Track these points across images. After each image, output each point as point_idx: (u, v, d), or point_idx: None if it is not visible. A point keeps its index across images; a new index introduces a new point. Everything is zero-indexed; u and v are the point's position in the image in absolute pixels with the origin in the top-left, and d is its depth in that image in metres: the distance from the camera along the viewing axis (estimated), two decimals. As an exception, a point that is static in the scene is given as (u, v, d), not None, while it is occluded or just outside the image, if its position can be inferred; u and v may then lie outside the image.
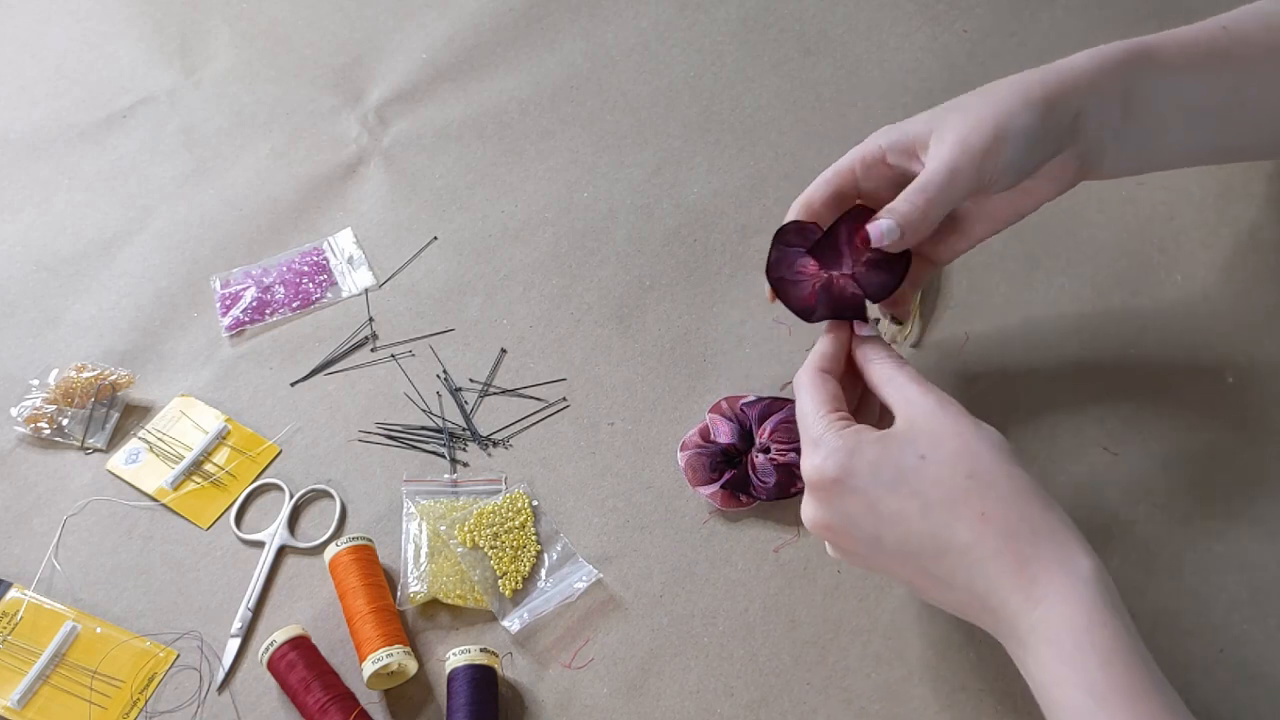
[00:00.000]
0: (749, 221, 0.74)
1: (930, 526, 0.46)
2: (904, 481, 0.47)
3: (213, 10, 0.95)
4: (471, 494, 0.65)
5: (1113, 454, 0.61)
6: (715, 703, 0.56)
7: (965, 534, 0.45)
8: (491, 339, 0.72)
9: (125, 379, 0.71)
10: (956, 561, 0.46)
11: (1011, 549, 0.45)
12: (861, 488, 0.47)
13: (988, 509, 0.45)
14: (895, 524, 0.47)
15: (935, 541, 0.46)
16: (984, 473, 0.46)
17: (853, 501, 0.48)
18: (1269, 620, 0.55)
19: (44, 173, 0.85)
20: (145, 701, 0.59)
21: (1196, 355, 0.64)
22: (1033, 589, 0.44)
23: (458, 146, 0.82)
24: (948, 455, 0.47)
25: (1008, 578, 0.45)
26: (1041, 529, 0.45)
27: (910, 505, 0.46)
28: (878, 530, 0.47)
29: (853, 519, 0.48)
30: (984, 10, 0.83)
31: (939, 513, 0.46)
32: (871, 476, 0.47)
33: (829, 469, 0.48)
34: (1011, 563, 0.44)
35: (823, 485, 0.49)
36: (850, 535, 0.49)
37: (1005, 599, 0.45)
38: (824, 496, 0.49)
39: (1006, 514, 0.45)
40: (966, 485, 0.46)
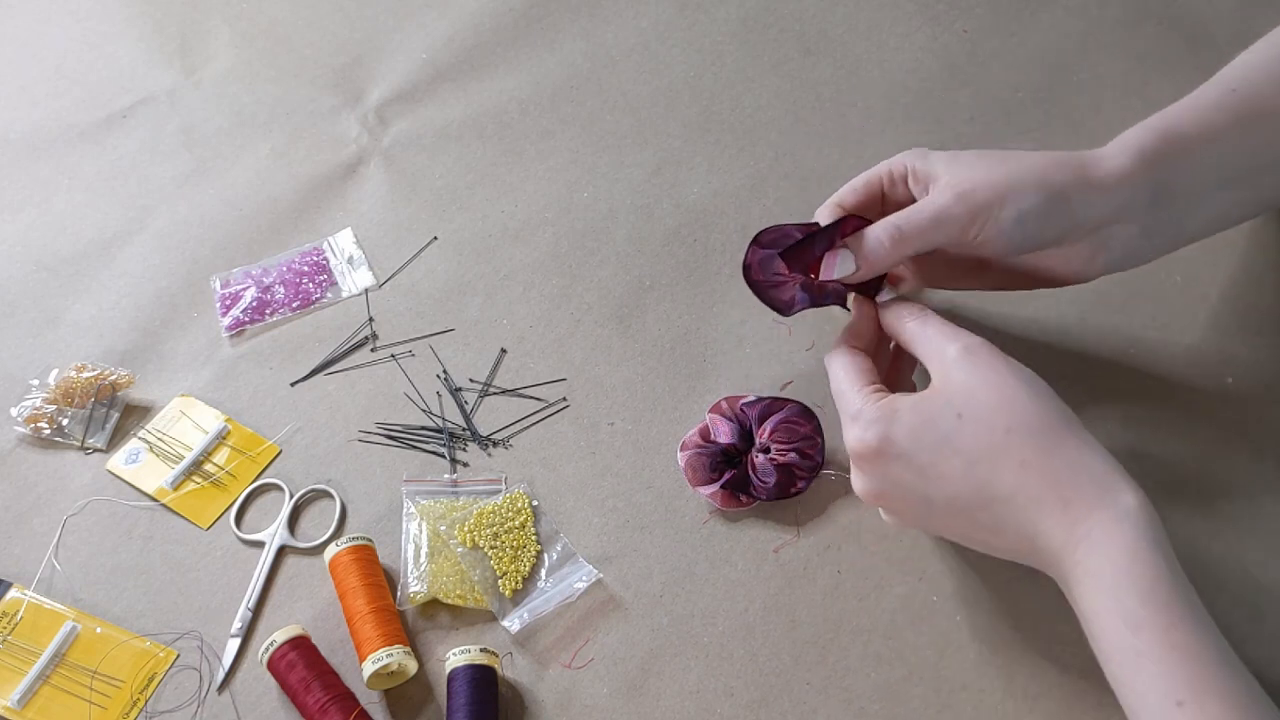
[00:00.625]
0: (749, 221, 0.74)
1: (975, 481, 0.48)
2: (945, 442, 0.48)
3: (213, 10, 0.95)
4: (471, 494, 0.65)
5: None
6: (715, 703, 0.56)
7: (1009, 484, 0.47)
8: (491, 339, 0.72)
9: (125, 379, 0.71)
10: (1003, 510, 0.47)
11: (1054, 493, 0.46)
12: (905, 453, 0.49)
13: (1027, 458, 0.47)
14: (942, 483, 0.49)
15: (981, 494, 0.48)
16: (1021, 423, 0.48)
17: (898, 468, 0.50)
18: (1269, 620, 0.55)
19: (44, 173, 0.85)
20: (145, 701, 0.59)
21: (1196, 355, 0.64)
22: (1075, 528, 0.46)
23: (458, 146, 0.82)
24: (985, 410, 0.48)
25: (1052, 520, 0.46)
26: (1082, 470, 0.47)
27: (954, 464, 0.48)
28: (926, 491, 0.49)
29: (901, 484, 0.50)
30: (984, 10, 0.83)
31: (982, 467, 0.48)
32: (913, 441, 0.49)
33: (870, 439, 0.50)
34: (1055, 506, 0.46)
35: (867, 456, 0.51)
36: (901, 499, 0.51)
37: (1050, 540, 0.46)
38: (870, 467, 0.51)
39: (1047, 460, 0.47)
40: (1005, 439, 0.47)
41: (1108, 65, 0.78)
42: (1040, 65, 0.79)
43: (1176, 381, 0.63)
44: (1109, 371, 0.64)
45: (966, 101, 0.78)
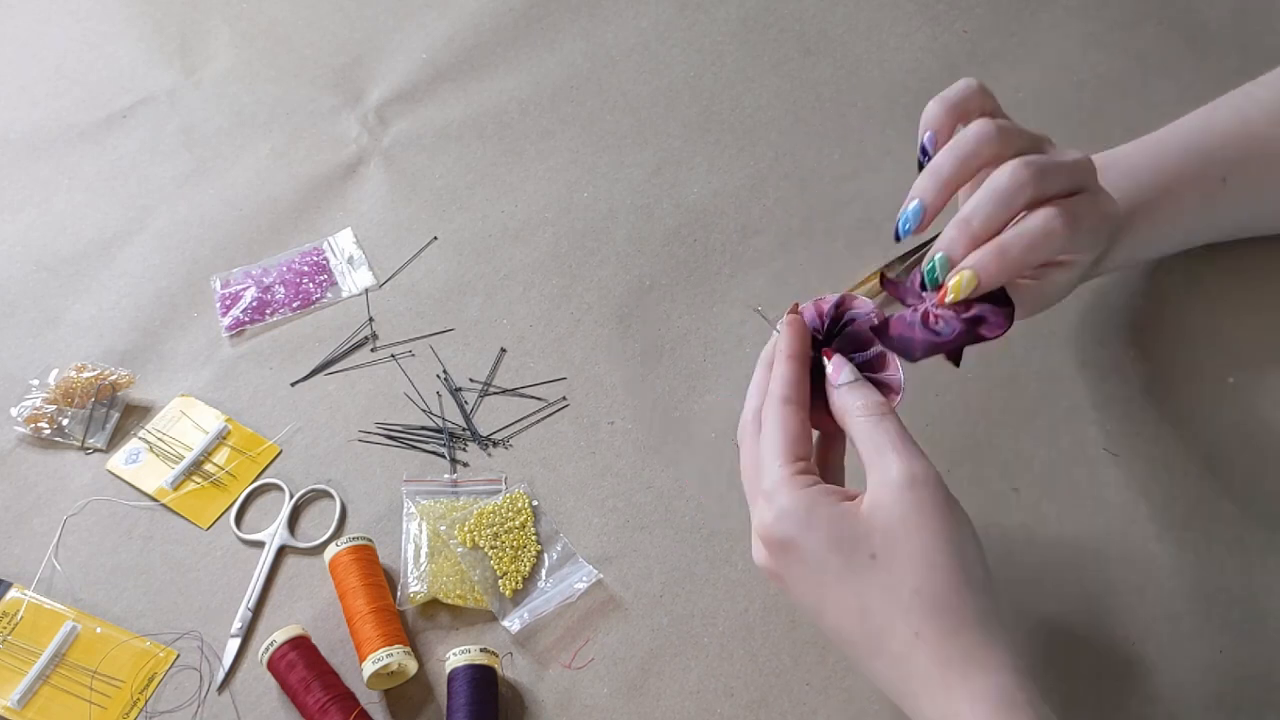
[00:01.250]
0: (749, 221, 0.74)
1: (866, 628, 0.44)
2: (849, 575, 0.44)
3: (213, 10, 0.95)
4: (471, 494, 0.65)
5: (1112, 454, 0.61)
6: (715, 703, 0.56)
7: (897, 648, 0.44)
8: (491, 339, 0.72)
9: (125, 379, 0.71)
10: (885, 669, 0.44)
11: (940, 675, 0.43)
12: (808, 563, 0.45)
13: (923, 630, 0.43)
14: (834, 612, 0.45)
15: (868, 644, 0.45)
16: (930, 590, 0.43)
17: (799, 571, 0.46)
18: (1269, 620, 0.55)
19: (44, 173, 0.85)
20: (145, 701, 0.59)
21: (1196, 355, 0.64)
22: (958, 713, 0.42)
23: (458, 146, 0.82)
24: (899, 560, 0.44)
25: (933, 697, 0.43)
26: (974, 659, 0.43)
27: (851, 603, 0.44)
28: (820, 607, 0.46)
29: (798, 584, 0.46)
30: (984, 10, 0.83)
31: (876, 619, 0.44)
32: (820, 557, 0.45)
33: (777, 533, 0.46)
34: (938, 690, 0.43)
35: (770, 544, 0.46)
36: (795, 595, 0.47)
37: (929, 717, 0.43)
38: (772, 552, 0.47)
39: (942, 640, 0.43)
40: (909, 600, 0.43)
41: (1108, 65, 0.78)
42: (1040, 65, 0.79)
43: (1176, 381, 0.63)
44: (1109, 371, 0.64)
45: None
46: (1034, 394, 0.64)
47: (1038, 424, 0.63)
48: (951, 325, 0.48)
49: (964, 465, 0.62)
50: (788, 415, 0.48)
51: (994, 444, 0.62)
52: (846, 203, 0.74)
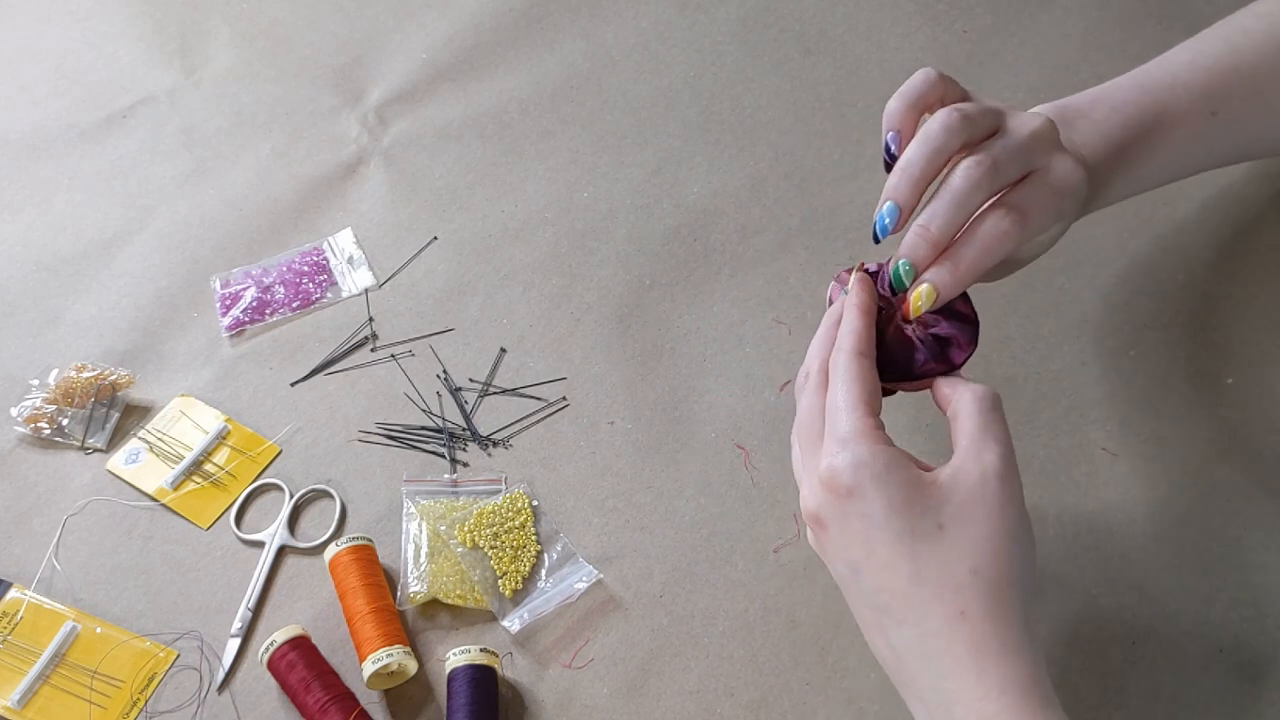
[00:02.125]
0: (749, 221, 0.74)
1: (911, 596, 0.43)
2: (911, 539, 0.44)
3: (213, 10, 0.95)
4: (471, 494, 0.65)
5: (1112, 454, 0.61)
6: (715, 703, 0.56)
7: (938, 621, 0.43)
8: (491, 339, 0.72)
9: (125, 379, 0.71)
10: (916, 639, 0.43)
11: (975, 659, 0.42)
12: (867, 515, 0.44)
13: (970, 611, 0.42)
14: (880, 571, 0.44)
15: (907, 610, 0.44)
16: (990, 576, 0.43)
17: (854, 523, 0.45)
18: (1269, 620, 0.55)
19: (44, 173, 0.85)
20: (145, 701, 0.59)
21: (1196, 355, 0.64)
22: (983, 705, 0.41)
23: (458, 146, 0.82)
24: (966, 539, 0.43)
25: (960, 682, 0.42)
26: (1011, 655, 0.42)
27: (903, 566, 0.43)
28: (863, 564, 0.45)
29: (846, 535, 0.45)
30: (984, 10, 0.83)
31: (925, 589, 0.43)
32: (884, 514, 0.44)
33: (846, 478, 0.44)
34: (969, 672, 0.42)
35: (832, 487, 0.45)
36: (836, 547, 0.46)
37: (950, 705, 0.42)
38: (829, 496, 0.45)
39: (987, 625, 0.42)
40: (965, 578, 0.43)
41: (1108, 65, 0.78)
42: (1040, 65, 0.79)
43: (1176, 381, 0.63)
44: (1109, 371, 0.64)
45: (966, 101, 0.78)
46: (1034, 394, 0.64)
47: (1038, 424, 0.63)
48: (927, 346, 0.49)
49: (964, 465, 0.61)
50: (865, 368, 0.47)
51: (994, 444, 0.62)
52: (846, 203, 0.74)
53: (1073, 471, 0.61)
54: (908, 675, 0.44)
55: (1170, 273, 0.67)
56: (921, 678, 0.43)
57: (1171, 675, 0.54)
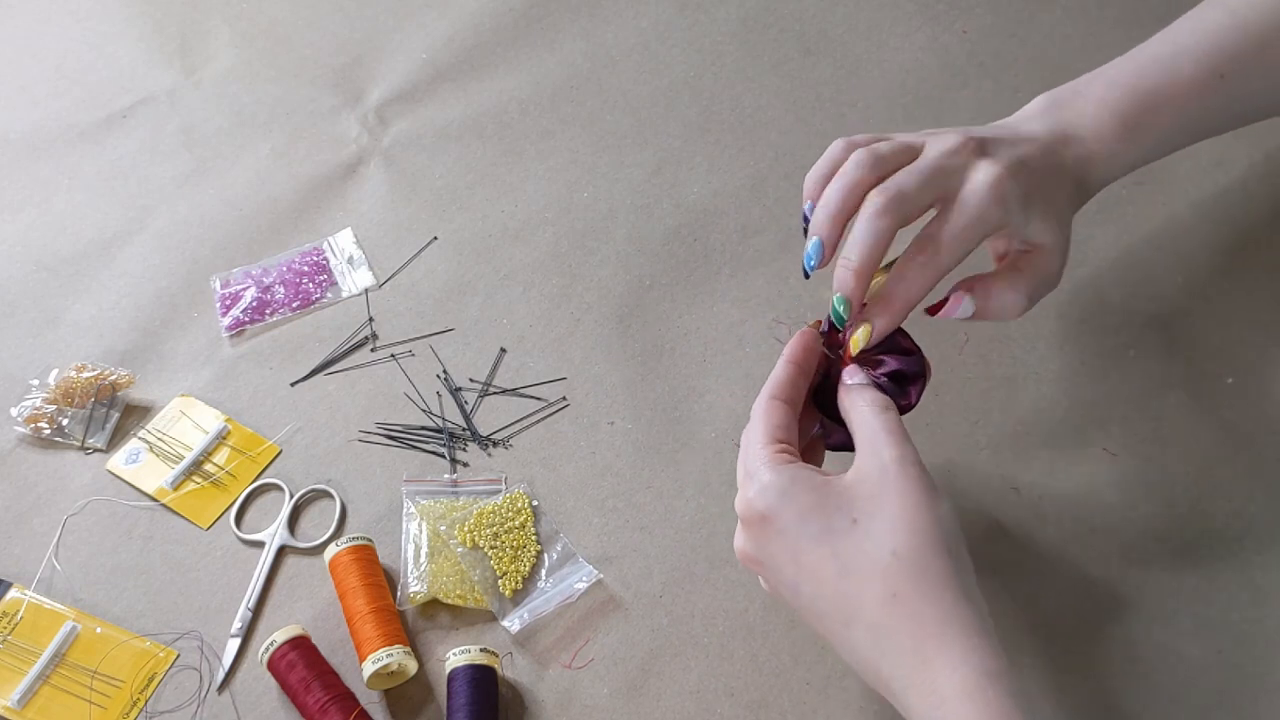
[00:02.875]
0: (749, 221, 0.74)
1: (842, 593, 0.44)
2: (829, 538, 0.45)
3: (213, 10, 0.95)
4: (471, 494, 0.65)
5: (1112, 454, 0.61)
6: (715, 703, 0.56)
7: (872, 609, 0.44)
8: (491, 339, 0.72)
9: (125, 379, 0.71)
10: (863, 634, 0.44)
11: (916, 641, 0.43)
12: (785, 531, 0.46)
13: (901, 591, 0.43)
14: (812, 579, 0.45)
15: (845, 608, 0.44)
16: (910, 553, 0.44)
17: (777, 545, 0.46)
18: (1269, 620, 0.55)
19: (44, 173, 0.85)
20: (145, 701, 0.59)
21: (1196, 355, 0.64)
22: (934, 685, 0.42)
23: (458, 146, 0.82)
24: (880, 525, 0.45)
25: (909, 668, 0.43)
26: (953, 623, 0.43)
27: (828, 566, 0.45)
28: (796, 579, 0.46)
29: (775, 561, 0.47)
30: (984, 10, 0.83)
31: (853, 581, 0.44)
32: (797, 524, 0.46)
33: (757, 506, 0.47)
34: (914, 655, 0.43)
35: (750, 520, 0.47)
36: (773, 575, 0.48)
37: (905, 688, 0.43)
38: (751, 530, 0.48)
39: (920, 602, 0.43)
40: (888, 561, 0.44)
41: (1108, 65, 0.78)
42: (1040, 65, 0.79)
43: (1176, 381, 0.63)
44: (1109, 371, 0.64)
45: (966, 101, 0.78)
46: (1034, 394, 0.64)
47: (1038, 424, 0.63)
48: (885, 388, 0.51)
49: (964, 465, 0.61)
50: (773, 408, 0.50)
51: (994, 444, 0.62)
52: (846, 203, 0.74)
53: (1073, 471, 0.61)
54: (873, 674, 0.45)
55: (1170, 273, 0.67)
56: (883, 672, 0.44)
57: (1171, 675, 0.54)
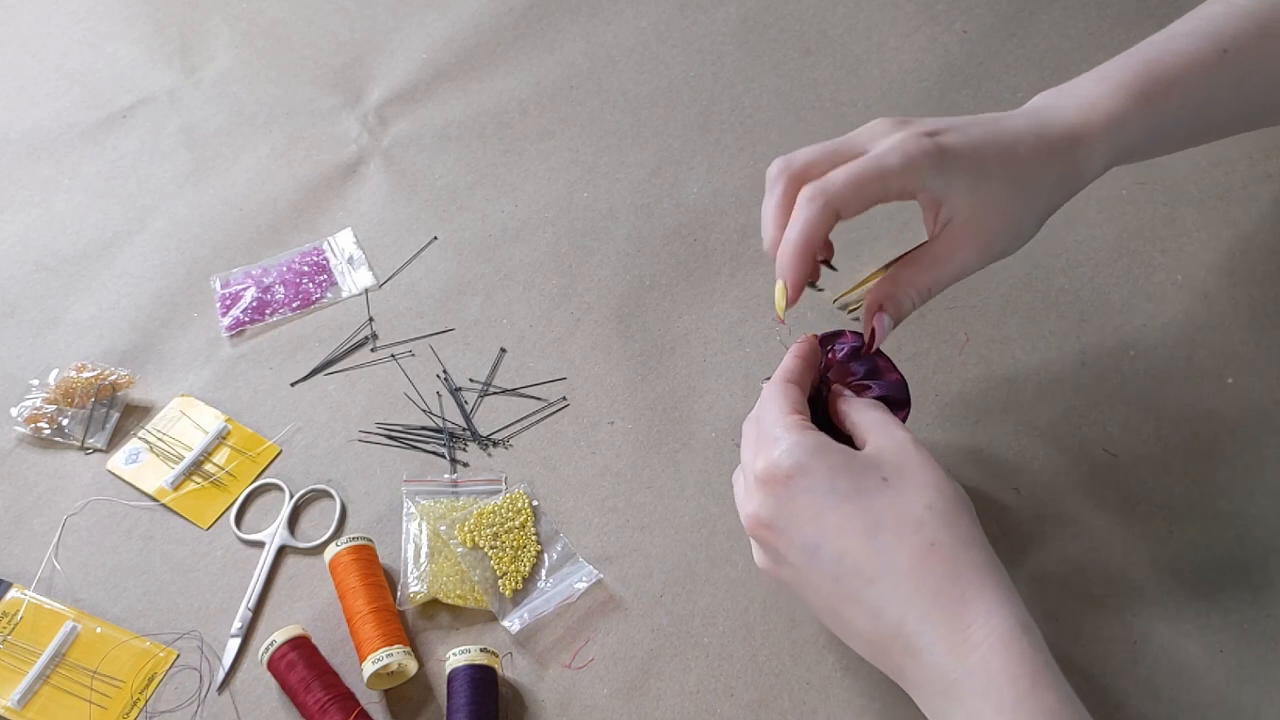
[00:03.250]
0: (749, 221, 0.74)
1: (874, 547, 0.44)
2: (860, 495, 0.45)
3: (213, 10, 0.95)
4: (471, 494, 0.65)
5: (1112, 454, 0.61)
6: (715, 703, 0.56)
7: (908, 560, 0.44)
8: (491, 339, 0.72)
9: (125, 379, 0.71)
10: (890, 589, 0.44)
11: (952, 588, 0.43)
12: (814, 489, 0.46)
13: (938, 540, 0.44)
14: (837, 537, 0.45)
15: (874, 563, 0.44)
16: (943, 508, 0.45)
17: (802, 503, 0.46)
18: (1269, 620, 0.55)
19: (44, 173, 0.85)
20: (145, 701, 0.59)
21: (1196, 355, 0.64)
22: (968, 633, 0.42)
23: (458, 146, 0.82)
24: (912, 484, 0.45)
25: (943, 615, 0.43)
26: (988, 576, 0.44)
27: (858, 522, 0.45)
28: (819, 539, 0.45)
29: (796, 521, 0.46)
30: (984, 10, 0.83)
31: (887, 534, 0.44)
32: (827, 481, 0.46)
33: (784, 462, 0.46)
34: (950, 601, 0.43)
35: (773, 478, 0.47)
36: (788, 538, 0.47)
37: (935, 640, 0.43)
38: (772, 490, 0.47)
39: (957, 550, 0.44)
40: (923, 515, 0.44)
41: (1108, 65, 0.78)
42: (1040, 65, 0.79)
43: (1176, 381, 0.63)
44: (1109, 371, 0.64)
45: (966, 101, 0.78)
46: (1034, 394, 0.64)
47: (1038, 424, 0.63)
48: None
49: (964, 465, 0.61)
50: (788, 389, 0.51)
51: (994, 444, 0.62)
52: (846, 203, 0.74)
53: (1073, 471, 0.61)
54: (890, 634, 0.44)
55: (1170, 273, 0.67)
56: (906, 626, 0.44)
57: (1171, 675, 0.54)
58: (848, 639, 0.48)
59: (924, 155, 0.50)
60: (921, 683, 0.44)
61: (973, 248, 0.52)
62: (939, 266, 0.53)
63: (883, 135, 0.52)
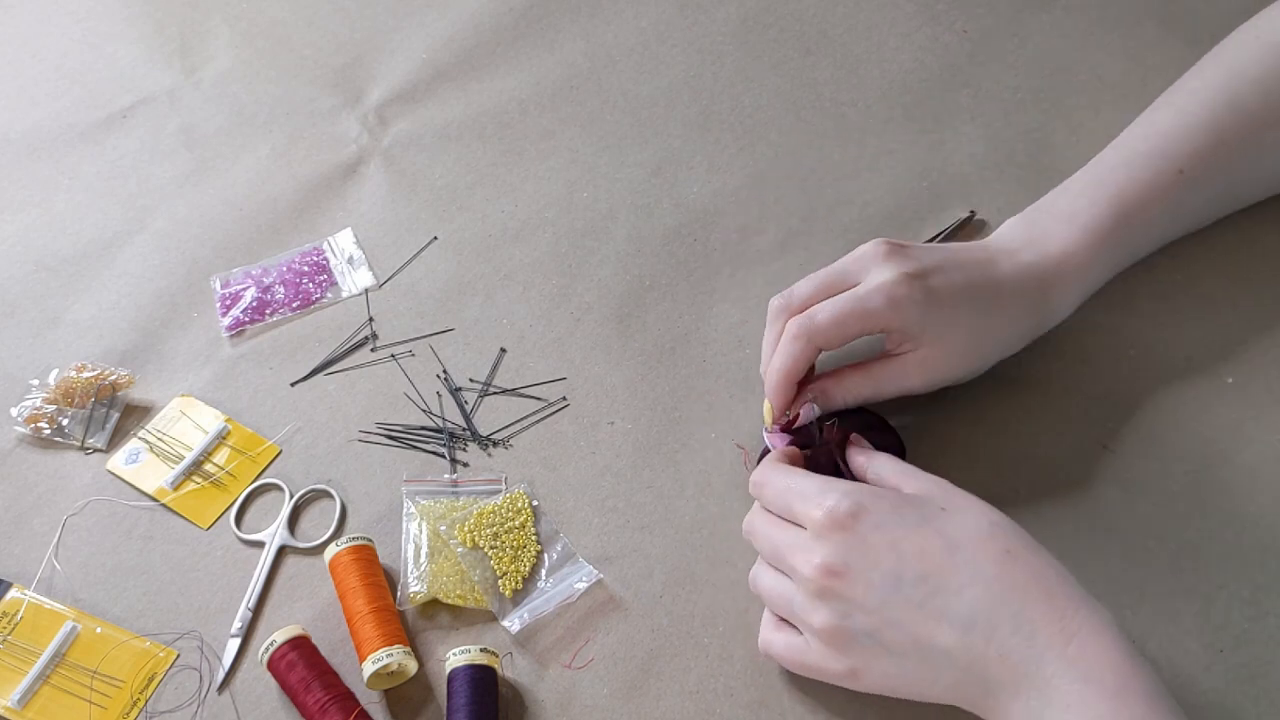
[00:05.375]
0: (749, 221, 0.74)
1: (954, 560, 0.46)
2: (927, 523, 0.48)
3: (213, 10, 0.95)
4: (471, 494, 0.65)
5: (1112, 453, 0.61)
6: (715, 703, 0.56)
7: (992, 567, 0.46)
8: (491, 339, 0.72)
9: (125, 379, 0.71)
10: (981, 594, 0.45)
11: (1039, 584, 0.45)
12: (882, 524, 0.48)
13: (1013, 548, 0.46)
14: (919, 560, 0.47)
15: (960, 575, 0.46)
16: (1007, 524, 0.48)
17: (875, 538, 0.47)
18: (1269, 620, 0.55)
19: (44, 173, 0.85)
20: (145, 701, 0.59)
21: (1196, 355, 0.64)
22: (1065, 623, 0.44)
23: (458, 146, 0.82)
24: (968, 509, 0.49)
25: (1038, 608, 0.45)
26: (1064, 574, 0.47)
27: (935, 542, 0.47)
28: (899, 568, 0.47)
29: (871, 556, 0.47)
30: (984, 10, 0.83)
31: (966, 550, 0.46)
32: (895, 515, 0.48)
33: (843, 506, 0.48)
34: (1041, 595, 0.45)
35: (838, 524, 0.48)
36: (866, 579, 0.47)
37: (1034, 633, 0.44)
38: (838, 536, 0.48)
39: (1031, 555, 0.47)
40: (991, 529, 0.47)
41: (1108, 65, 0.78)
42: (1040, 65, 0.79)
43: (1176, 381, 0.63)
44: (1109, 371, 0.64)
45: (966, 101, 0.78)
46: (1034, 394, 0.64)
47: (1038, 424, 0.63)
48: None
49: (964, 466, 0.61)
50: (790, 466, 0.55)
51: (994, 444, 0.62)
52: (846, 203, 0.74)
53: (1073, 471, 0.61)
54: (981, 644, 0.45)
55: (1170, 273, 0.67)
56: (1001, 628, 0.45)
57: (1171, 675, 0.54)
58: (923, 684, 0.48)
59: (910, 303, 0.55)
60: (1014, 689, 0.44)
61: (921, 378, 0.57)
62: (883, 384, 0.58)
63: (874, 265, 0.56)
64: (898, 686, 0.49)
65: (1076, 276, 0.59)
